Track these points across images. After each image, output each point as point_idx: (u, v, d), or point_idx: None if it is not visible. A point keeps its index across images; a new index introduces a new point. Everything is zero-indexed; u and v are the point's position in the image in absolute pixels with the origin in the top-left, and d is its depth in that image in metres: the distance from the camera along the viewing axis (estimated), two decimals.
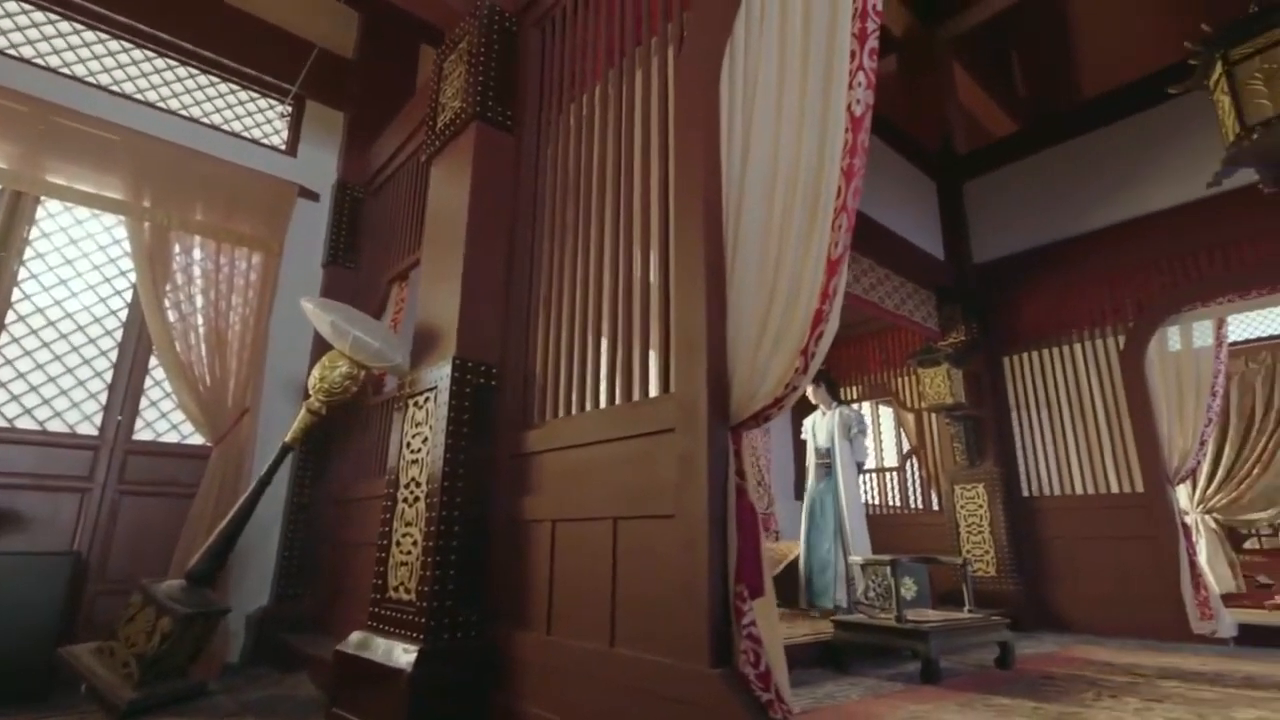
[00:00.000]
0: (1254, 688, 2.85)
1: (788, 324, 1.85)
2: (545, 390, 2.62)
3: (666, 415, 2.01)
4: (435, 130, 3.20)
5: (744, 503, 1.87)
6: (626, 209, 2.42)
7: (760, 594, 1.82)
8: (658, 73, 2.42)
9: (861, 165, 1.81)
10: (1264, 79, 3.03)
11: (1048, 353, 5.25)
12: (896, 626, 3.30)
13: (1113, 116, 5.15)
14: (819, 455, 4.78)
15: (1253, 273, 4.34)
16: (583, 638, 2.13)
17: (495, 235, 2.88)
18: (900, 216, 5.38)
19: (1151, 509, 4.52)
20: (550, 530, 2.36)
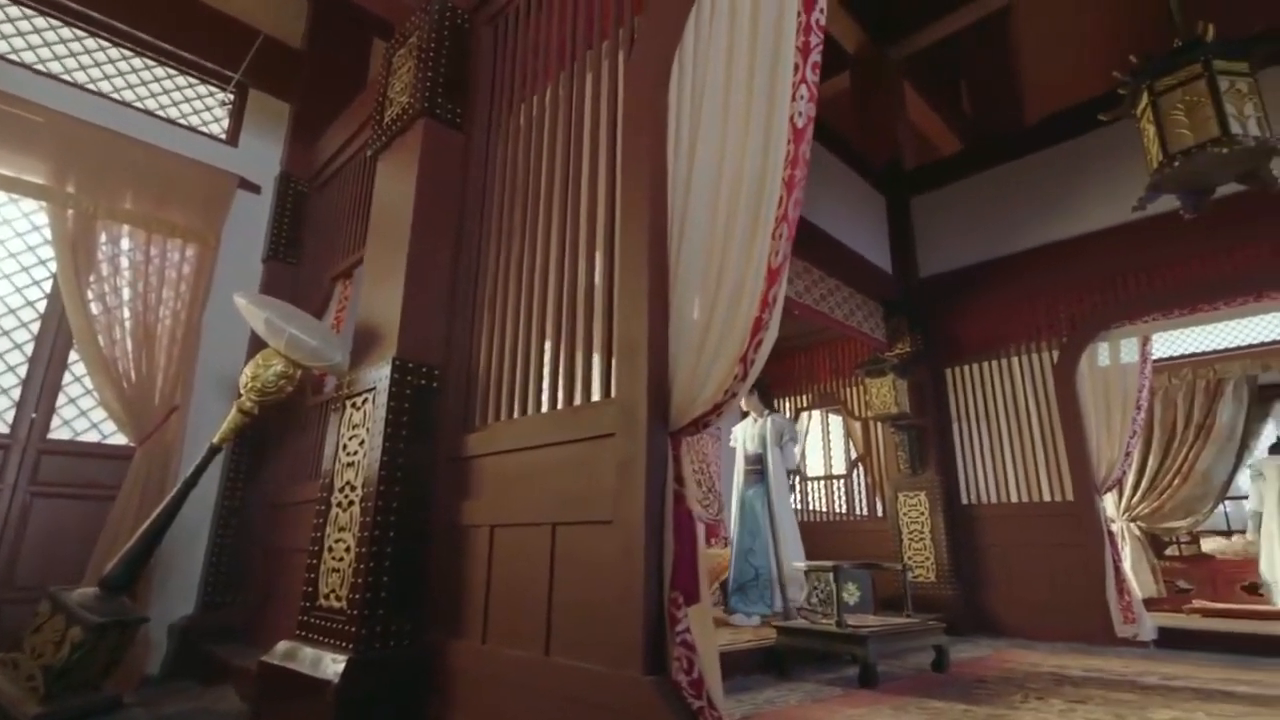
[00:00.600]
0: (1170, 689, 2.99)
1: (728, 331, 1.86)
2: (488, 393, 2.57)
3: (607, 420, 1.99)
4: (382, 125, 3.13)
5: (682, 509, 1.86)
6: (574, 212, 2.41)
7: (696, 601, 1.81)
8: (608, 76, 2.41)
9: (802, 176, 1.84)
10: (1185, 110, 3.19)
11: (987, 365, 5.43)
12: (837, 631, 3.35)
13: (1051, 140, 5.37)
14: (749, 462, 4.79)
15: (1175, 294, 4.58)
16: (518, 646, 2.09)
17: (441, 234, 2.82)
18: (851, 229, 5.50)
19: (1080, 517, 4.71)
20: (489, 536, 2.32)
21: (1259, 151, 3.02)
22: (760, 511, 4.55)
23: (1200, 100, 3.13)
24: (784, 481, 4.70)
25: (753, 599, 4.36)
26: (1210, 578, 5.82)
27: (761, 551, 4.43)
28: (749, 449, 4.80)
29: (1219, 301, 4.44)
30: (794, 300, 4.94)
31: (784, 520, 4.54)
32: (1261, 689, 3.00)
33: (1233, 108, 3.07)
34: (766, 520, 4.52)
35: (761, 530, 4.49)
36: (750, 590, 4.39)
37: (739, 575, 4.43)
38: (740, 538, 4.56)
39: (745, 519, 4.60)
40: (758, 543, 4.46)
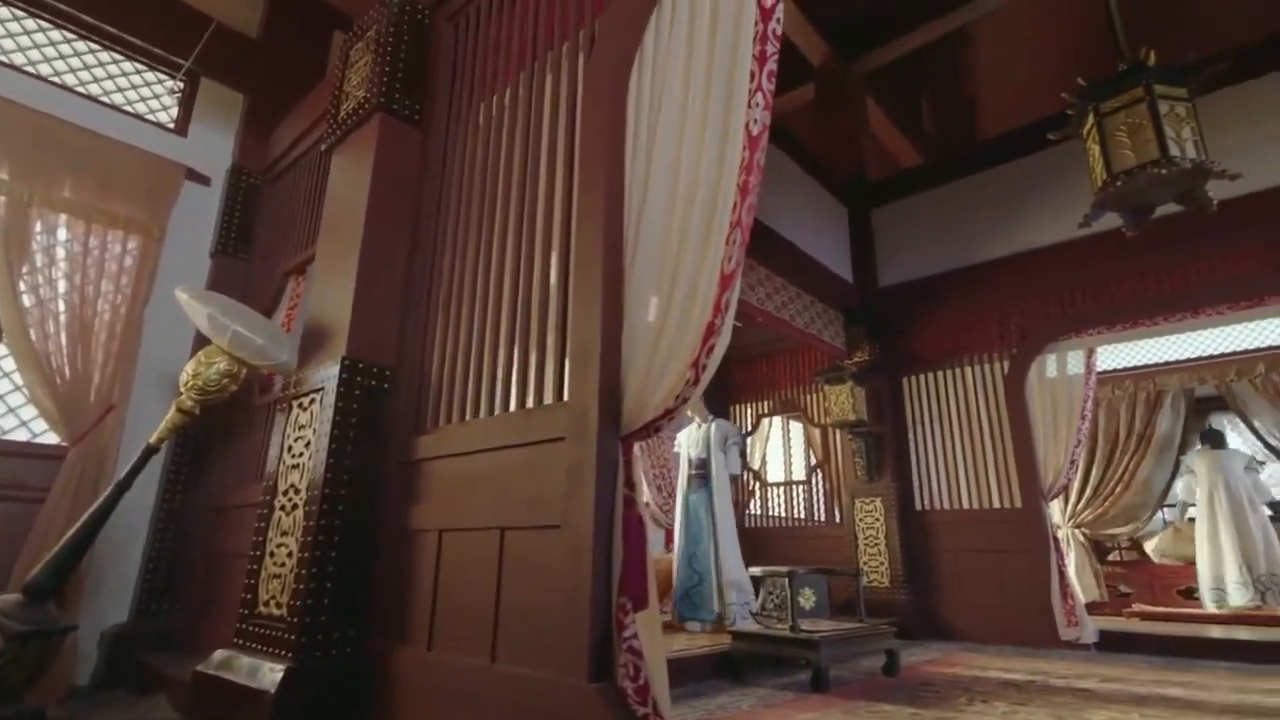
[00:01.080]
0: (1108, 693, 3.09)
1: (681, 335, 1.85)
2: (440, 395, 2.52)
3: (558, 423, 1.97)
4: (337, 119, 3.05)
5: (632, 514, 1.85)
6: (530, 213, 2.38)
7: (644, 606, 1.80)
8: (567, 78, 2.40)
9: (756, 183, 1.85)
10: (1128, 132, 3.31)
11: (943, 374, 5.55)
12: (790, 636, 3.37)
13: (1006, 157, 5.53)
14: (693, 466, 4.78)
15: (1117, 308, 4.76)
16: (464, 653, 2.04)
17: (396, 232, 2.76)
18: (814, 239, 5.58)
19: (1028, 523, 4.84)
20: (437, 541, 2.27)
21: (1195, 173, 3.15)
22: (704, 517, 4.53)
23: (1142, 123, 3.26)
24: (727, 486, 4.70)
25: (697, 604, 4.35)
26: (1149, 582, 6.05)
27: (704, 557, 4.42)
28: (693, 454, 4.79)
29: (1158, 317, 4.62)
30: (756, 307, 4.98)
31: (725, 525, 4.53)
32: (1193, 691, 3.12)
33: (1172, 131, 3.19)
34: (709, 525, 4.50)
35: (704, 536, 4.48)
36: (694, 596, 4.38)
37: (685, 581, 4.43)
38: (684, 543, 4.54)
39: (689, 524, 4.57)
40: (700, 548, 4.45)
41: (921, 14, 6.22)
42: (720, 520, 4.52)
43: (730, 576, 4.37)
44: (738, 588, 4.39)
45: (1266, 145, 4.30)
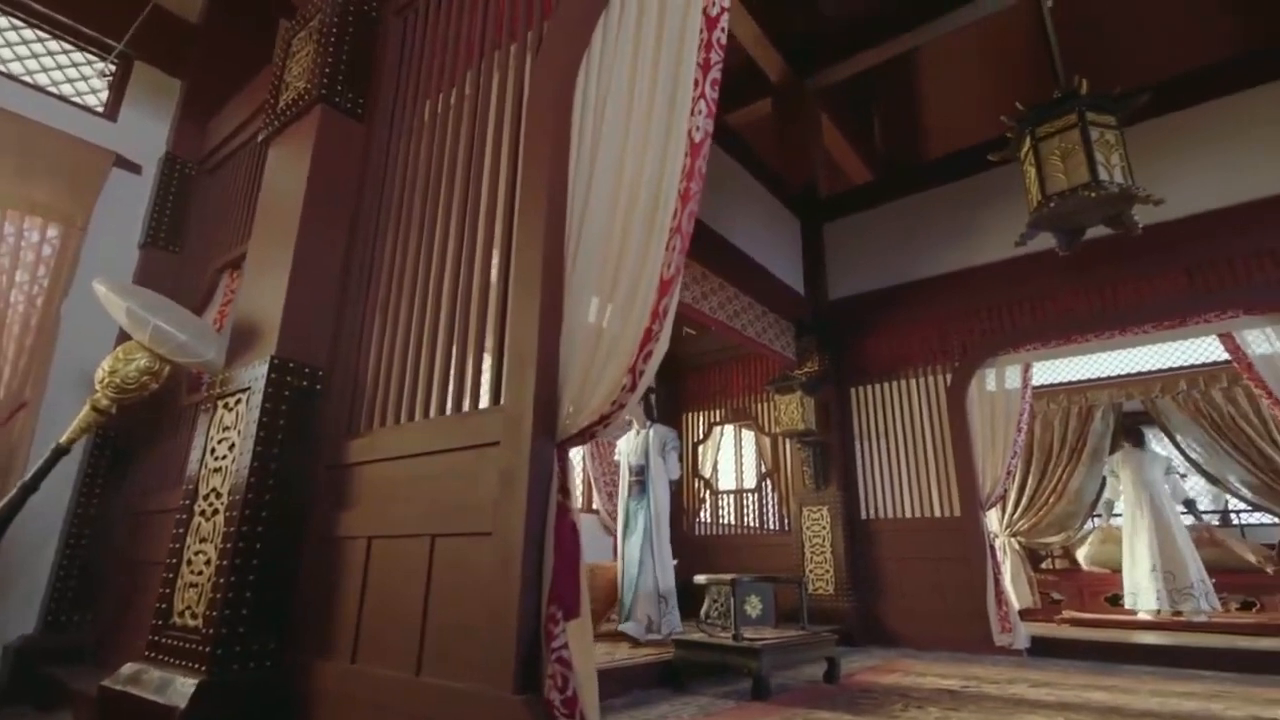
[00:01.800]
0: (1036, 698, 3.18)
1: (619, 340, 1.83)
2: (375, 397, 2.44)
3: (493, 428, 1.92)
4: (276, 110, 2.95)
5: (565, 521, 1.81)
6: (473, 212, 2.33)
7: (575, 616, 1.76)
8: (514, 78, 2.36)
9: (697, 190, 1.85)
10: (1060, 156, 3.45)
11: (889, 386, 5.68)
12: (732, 645, 3.37)
13: (952, 176, 5.71)
14: (632, 473, 4.68)
15: (1053, 325, 4.96)
16: (390, 665, 1.97)
17: (334, 228, 2.67)
18: (767, 250, 5.66)
19: (966, 532, 4.97)
20: (366, 548, 2.18)
21: (1122, 197, 3.30)
22: (640, 524, 4.46)
23: (1074, 147, 3.40)
24: (665, 493, 4.62)
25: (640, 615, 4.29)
26: (1079, 590, 6.30)
27: (646, 566, 4.36)
28: (632, 461, 4.69)
29: (1089, 334, 4.83)
30: (708, 315, 5.01)
31: (662, 534, 4.47)
32: (1117, 695, 3.24)
33: (1101, 156, 3.34)
34: (643, 533, 4.43)
35: (643, 544, 4.41)
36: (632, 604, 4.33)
37: (627, 589, 4.37)
38: (626, 551, 4.47)
39: (630, 532, 4.50)
40: (641, 558, 4.38)
41: (874, 35, 6.39)
42: (659, 528, 4.45)
43: (661, 585, 4.31)
44: (665, 596, 4.29)
45: (1187, 175, 4.55)
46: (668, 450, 4.67)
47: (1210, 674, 3.87)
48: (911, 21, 6.19)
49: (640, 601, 4.24)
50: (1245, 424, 5.32)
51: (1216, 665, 4.01)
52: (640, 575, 4.29)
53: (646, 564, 4.33)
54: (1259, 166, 4.37)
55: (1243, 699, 3.13)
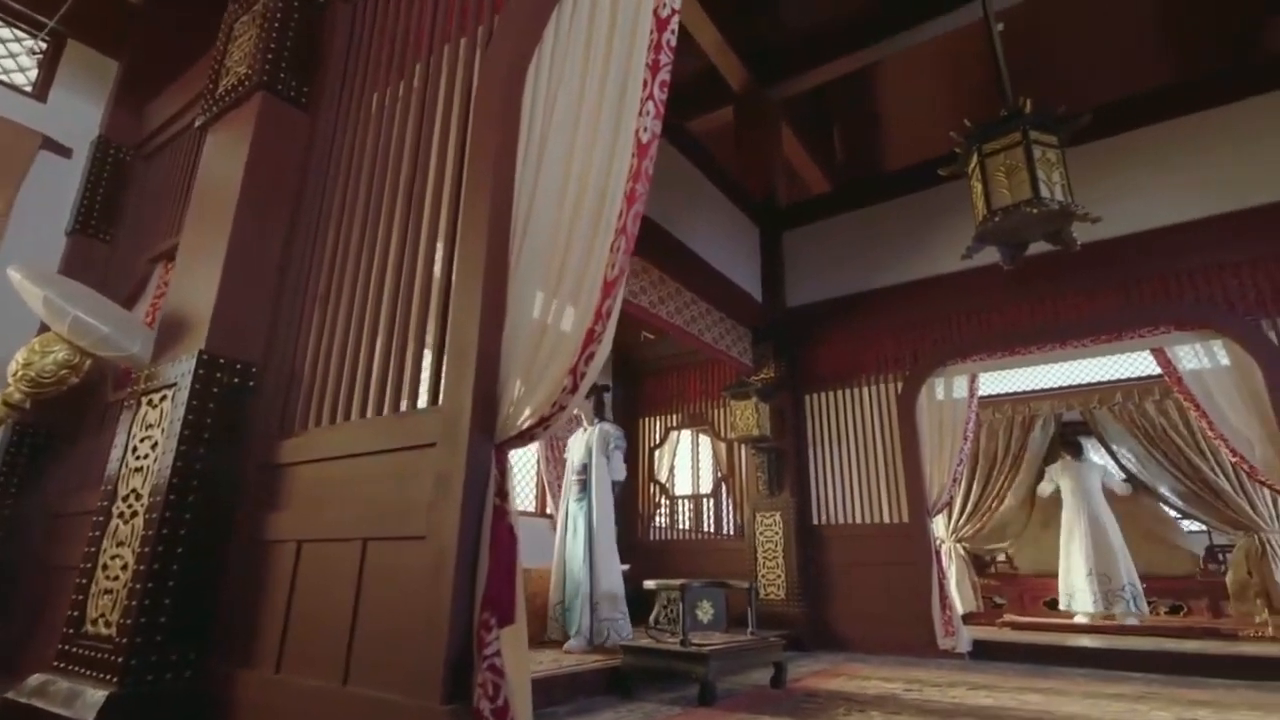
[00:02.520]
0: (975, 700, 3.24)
1: (561, 340, 1.80)
2: (311, 395, 2.35)
3: (430, 429, 1.87)
4: (215, 95, 2.83)
5: (502, 525, 1.77)
6: (418, 205, 2.27)
7: (509, 622, 1.72)
8: (463, 72, 2.31)
9: (643, 192, 1.83)
10: (1005, 172, 3.56)
11: (842, 393, 5.76)
12: (679, 650, 3.35)
13: (906, 189, 5.84)
14: (575, 471, 4.46)
15: (998, 336, 5.11)
16: (315, 675, 1.89)
17: (272, 219, 2.57)
18: (726, 257, 5.68)
19: (913, 537, 5.07)
20: (295, 552, 2.10)
21: (1061, 214, 3.41)
22: (582, 526, 4.24)
23: (1018, 165, 3.50)
24: (608, 495, 4.40)
25: (570, 620, 4.10)
26: (1019, 594, 6.49)
27: (580, 570, 4.16)
28: (575, 459, 4.49)
29: (1032, 346, 4.99)
30: (664, 320, 5.01)
31: (604, 536, 4.25)
32: (1050, 697, 3.33)
33: (1043, 174, 3.44)
34: (586, 535, 4.22)
35: (580, 547, 4.21)
36: (571, 611, 4.12)
37: (570, 594, 4.16)
38: (562, 553, 4.26)
39: (567, 534, 4.29)
40: (577, 560, 4.18)
41: (836, 48, 6.51)
42: (599, 530, 4.24)
43: (605, 589, 4.11)
44: (612, 601, 4.10)
45: (1124, 196, 4.75)
46: (611, 449, 4.46)
47: (1140, 676, 4.01)
48: (872, 36, 6.33)
49: (583, 608, 4.06)
50: (1175, 435, 5.57)
51: (1146, 667, 4.16)
52: (584, 580, 4.11)
53: (584, 571, 4.14)
54: (1188, 191, 4.59)
55: (1168, 700, 3.25)
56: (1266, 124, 4.46)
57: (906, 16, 6.15)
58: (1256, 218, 4.31)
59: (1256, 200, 4.35)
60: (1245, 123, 4.54)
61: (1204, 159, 4.61)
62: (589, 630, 4.02)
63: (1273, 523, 4.91)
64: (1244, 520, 5.04)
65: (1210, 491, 5.28)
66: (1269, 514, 4.94)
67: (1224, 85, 4.70)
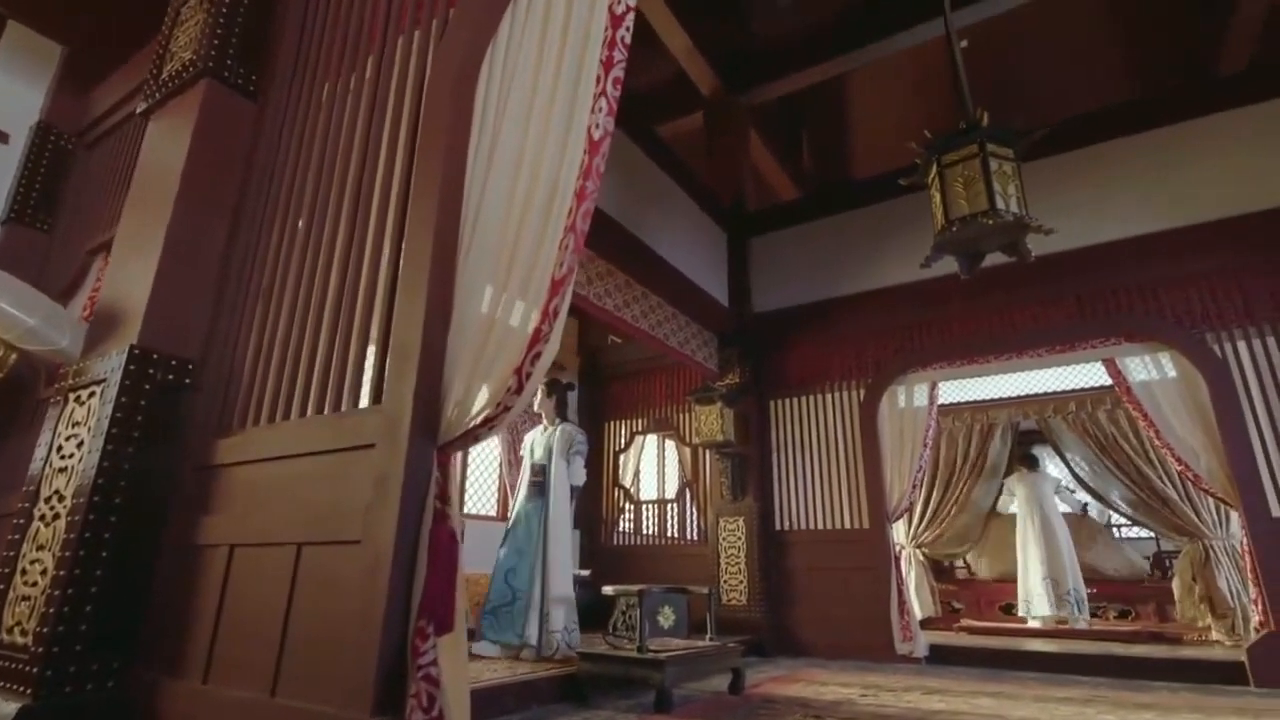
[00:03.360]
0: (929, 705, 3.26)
1: (507, 339, 1.76)
2: (251, 393, 2.26)
3: (370, 429, 1.80)
4: (159, 80, 2.72)
5: (443, 529, 1.71)
6: (366, 199, 2.20)
7: (448, 630, 1.66)
8: (416, 64, 2.26)
9: (594, 189, 1.80)
10: (963, 184, 3.61)
11: (806, 400, 5.79)
12: (636, 656, 3.31)
13: (871, 199, 5.90)
14: (533, 472, 4.30)
15: (958, 346, 5.19)
16: (243, 686, 1.81)
17: (215, 211, 2.48)
18: (693, 261, 5.68)
19: (874, 543, 5.11)
20: (228, 556, 2.01)
21: (1016, 226, 3.47)
22: (535, 528, 4.07)
23: (975, 176, 3.56)
24: (565, 497, 4.25)
25: (503, 626, 3.86)
26: (976, 599, 6.60)
27: (525, 573, 3.96)
28: (535, 459, 4.33)
29: (990, 355, 5.08)
30: (629, 323, 4.98)
31: (559, 541, 4.10)
32: (1001, 700, 3.37)
33: (999, 186, 3.50)
34: (539, 539, 4.06)
35: (530, 549, 4.03)
36: (503, 615, 3.88)
37: (496, 597, 3.92)
38: (505, 555, 4.04)
39: (516, 535, 4.09)
40: (523, 563, 3.98)
41: (805, 57, 6.58)
42: (554, 533, 4.09)
43: (557, 595, 3.97)
44: (566, 606, 3.96)
45: (1080, 210, 4.87)
46: (572, 453, 4.32)
47: (1088, 679, 4.09)
48: (840, 47, 6.41)
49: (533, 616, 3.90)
50: (1125, 444, 5.72)
51: (1095, 671, 4.25)
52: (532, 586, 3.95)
53: (532, 574, 3.99)
54: (1140, 206, 4.73)
55: (1114, 703, 3.31)
56: (1215, 143, 4.62)
57: (874, 29, 6.24)
58: (1204, 233, 4.46)
59: (1205, 216, 4.50)
60: (1196, 141, 4.70)
61: (1156, 175, 4.75)
62: (539, 639, 3.89)
63: (1216, 529, 5.06)
64: (1189, 527, 5.20)
65: (1158, 499, 5.43)
66: (1213, 521, 5.09)
67: (1177, 104, 4.85)
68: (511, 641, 3.83)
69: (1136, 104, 5.13)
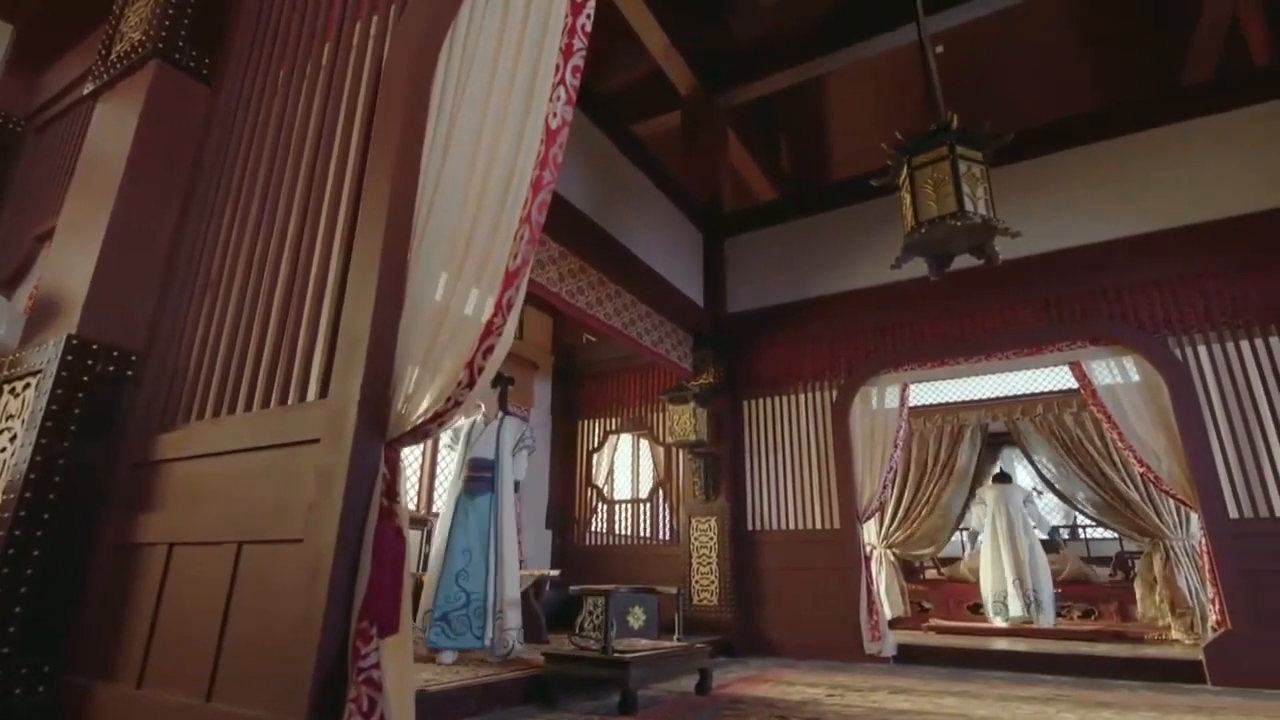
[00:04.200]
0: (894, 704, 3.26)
1: (459, 332, 1.71)
2: (196, 386, 2.18)
3: (315, 423, 1.74)
4: (107, 61, 2.62)
5: (389, 527, 1.66)
6: (319, 186, 2.13)
7: (392, 632, 1.61)
8: (374, 49, 2.19)
9: (551, 180, 1.76)
10: (932, 185, 3.62)
11: (780, 400, 5.79)
12: (601, 657, 3.27)
13: (846, 200, 5.93)
14: (478, 468, 4.05)
15: (929, 347, 5.22)
16: (178, 690, 1.73)
17: (163, 197, 2.39)
18: (667, 261, 5.66)
19: (844, 543, 5.12)
20: (166, 556, 1.93)
21: (984, 228, 3.49)
22: (486, 526, 3.91)
23: (944, 178, 3.58)
24: (512, 494, 4.13)
25: (459, 630, 3.70)
26: (945, 599, 6.66)
27: (479, 574, 3.81)
28: (479, 453, 4.11)
29: (959, 357, 5.12)
30: (602, 321, 4.94)
31: (510, 540, 3.97)
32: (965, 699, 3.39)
33: (968, 188, 3.52)
34: (491, 537, 3.90)
35: (480, 548, 3.87)
36: (456, 620, 3.71)
37: (446, 601, 3.74)
38: (450, 556, 3.83)
39: (459, 534, 3.88)
40: (474, 563, 3.82)
41: (784, 59, 6.60)
42: (506, 531, 3.95)
43: (510, 596, 3.86)
44: (514, 609, 3.85)
45: (1049, 214, 4.93)
46: (520, 447, 4.21)
47: (1051, 678, 4.14)
48: (818, 50, 6.43)
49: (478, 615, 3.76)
50: (1090, 446, 5.82)
51: (1058, 670, 4.30)
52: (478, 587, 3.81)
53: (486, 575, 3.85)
54: (1105, 212, 4.80)
55: (1075, 702, 3.34)
56: (1177, 152, 4.71)
57: (853, 31, 6.27)
58: (1167, 239, 4.54)
59: (1167, 223, 4.58)
60: (1159, 150, 4.78)
61: (1121, 183, 4.83)
62: (493, 640, 3.80)
63: (1176, 530, 5.16)
64: (1150, 528, 5.29)
65: (1120, 501, 5.52)
66: (1173, 522, 5.19)
67: (1141, 114, 4.94)
68: (472, 646, 3.71)
69: (1102, 112, 5.21)
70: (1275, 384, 4.07)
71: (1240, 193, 4.43)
